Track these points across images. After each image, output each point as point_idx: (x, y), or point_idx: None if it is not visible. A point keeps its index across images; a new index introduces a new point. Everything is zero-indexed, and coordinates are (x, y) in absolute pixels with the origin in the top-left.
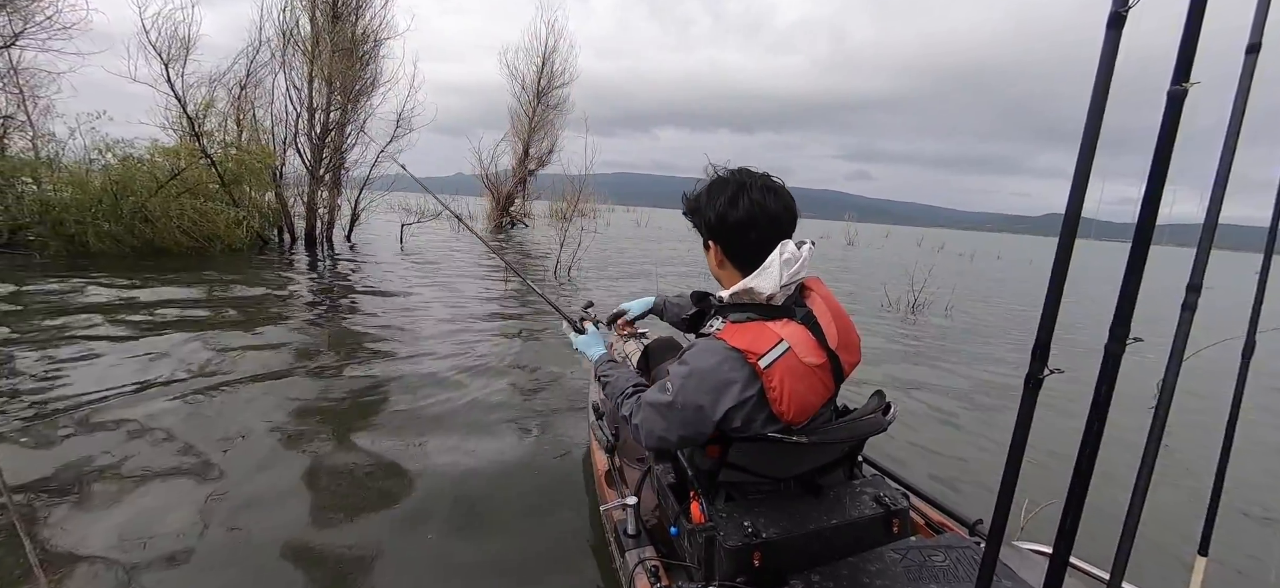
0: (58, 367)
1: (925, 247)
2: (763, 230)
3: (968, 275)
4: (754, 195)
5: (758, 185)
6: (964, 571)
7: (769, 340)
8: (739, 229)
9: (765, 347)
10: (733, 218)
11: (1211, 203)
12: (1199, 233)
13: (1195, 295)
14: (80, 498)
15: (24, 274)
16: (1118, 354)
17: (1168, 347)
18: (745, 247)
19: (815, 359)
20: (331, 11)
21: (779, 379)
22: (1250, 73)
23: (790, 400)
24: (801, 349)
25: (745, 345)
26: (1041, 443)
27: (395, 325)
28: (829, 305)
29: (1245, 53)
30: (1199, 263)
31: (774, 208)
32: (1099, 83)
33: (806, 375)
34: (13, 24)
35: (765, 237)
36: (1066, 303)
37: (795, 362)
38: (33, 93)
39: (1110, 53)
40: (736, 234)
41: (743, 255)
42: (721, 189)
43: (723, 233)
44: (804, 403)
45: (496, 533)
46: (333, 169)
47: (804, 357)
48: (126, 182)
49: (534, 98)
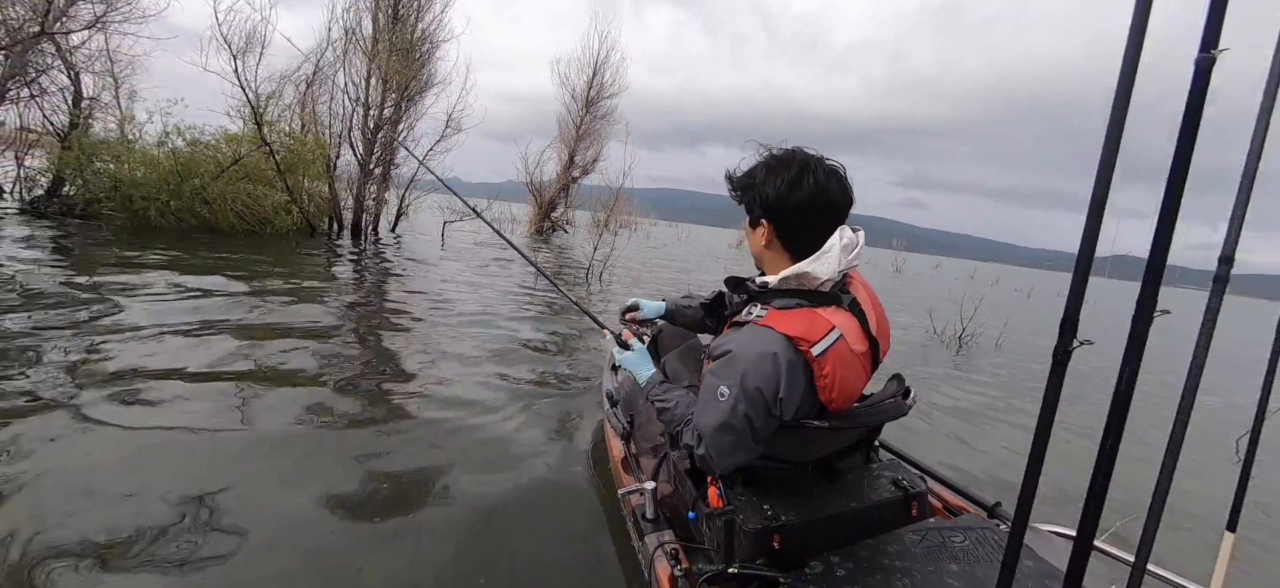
0: (104, 334)
1: (978, 280)
2: (821, 215)
3: (1020, 312)
4: (819, 177)
5: (821, 168)
6: (984, 551)
7: (822, 328)
8: (798, 211)
9: (818, 334)
10: (793, 199)
11: (1245, 172)
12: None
13: (1227, 268)
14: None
15: (93, 243)
16: (1143, 334)
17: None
18: (802, 230)
19: (861, 346)
20: (393, 13)
21: (831, 367)
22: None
23: (839, 388)
24: (851, 337)
25: (798, 333)
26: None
27: (423, 314)
28: (867, 292)
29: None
30: (1232, 233)
31: (836, 191)
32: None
33: (853, 363)
34: (94, 7)
35: (822, 222)
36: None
37: (846, 349)
38: (125, 77)
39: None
40: (795, 216)
41: (797, 238)
42: (783, 168)
43: (780, 214)
44: (850, 390)
45: (514, 517)
46: (383, 164)
47: (853, 345)
48: (192, 164)
49: (583, 107)
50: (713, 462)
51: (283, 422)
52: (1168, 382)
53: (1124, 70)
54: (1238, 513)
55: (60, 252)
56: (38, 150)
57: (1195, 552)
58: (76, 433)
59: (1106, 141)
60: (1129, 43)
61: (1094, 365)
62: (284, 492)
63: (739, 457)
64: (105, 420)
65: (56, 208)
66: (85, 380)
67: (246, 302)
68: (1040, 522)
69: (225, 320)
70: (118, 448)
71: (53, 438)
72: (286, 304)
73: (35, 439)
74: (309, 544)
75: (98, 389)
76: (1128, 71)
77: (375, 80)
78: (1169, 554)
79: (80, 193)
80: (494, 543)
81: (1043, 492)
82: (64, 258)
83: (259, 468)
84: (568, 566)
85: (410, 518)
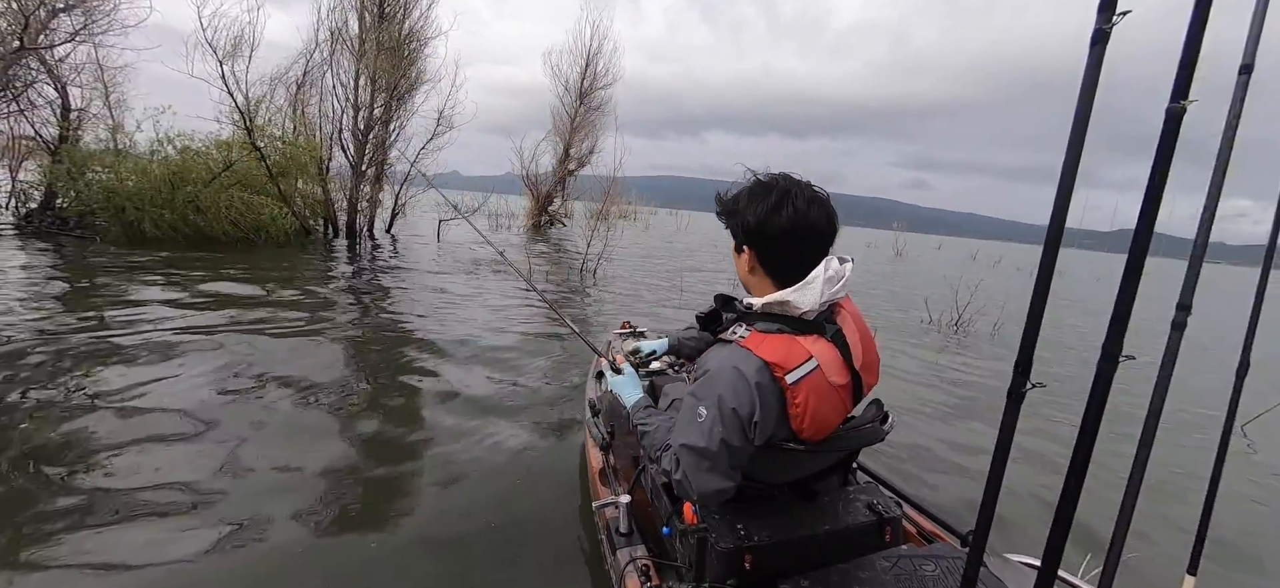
0: (103, 343)
1: (981, 260)
2: (803, 242)
3: (1021, 296)
4: (798, 204)
5: (802, 195)
6: (953, 581)
7: (799, 356)
8: (779, 238)
9: (794, 362)
10: (774, 226)
11: (1201, 225)
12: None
13: (1185, 315)
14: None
15: (88, 255)
16: (1109, 371)
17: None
18: (783, 256)
19: (840, 379)
20: (378, 11)
21: (804, 397)
22: (1243, 93)
23: (811, 419)
24: (829, 368)
25: (774, 358)
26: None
27: (412, 317)
28: (857, 324)
29: (1238, 73)
30: (1189, 283)
31: (817, 219)
32: (1083, 99)
33: (830, 395)
34: (73, 20)
35: (805, 248)
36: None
37: (822, 381)
38: (114, 85)
39: (1093, 72)
40: (775, 243)
41: (779, 265)
42: (764, 194)
43: (761, 239)
44: (823, 422)
45: (488, 528)
46: (375, 164)
47: (831, 376)
48: (184, 172)
49: (576, 99)
50: (690, 485)
51: (275, 430)
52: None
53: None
54: (1198, 557)
55: (56, 269)
56: (30, 163)
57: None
58: (71, 458)
59: (1059, 191)
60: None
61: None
62: (268, 498)
63: (715, 483)
64: (105, 445)
65: (50, 222)
66: (81, 405)
67: (241, 317)
68: (1010, 552)
69: (219, 338)
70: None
71: (58, 460)
72: (282, 318)
73: (48, 448)
74: (283, 551)
75: (91, 416)
76: (1082, 117)
77: (364, 80)
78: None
79: (73, 206)
80: (466, 552)
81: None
82: (60, 276)
83: (251, 482)
84: (540, 577)
85: (380, 526)
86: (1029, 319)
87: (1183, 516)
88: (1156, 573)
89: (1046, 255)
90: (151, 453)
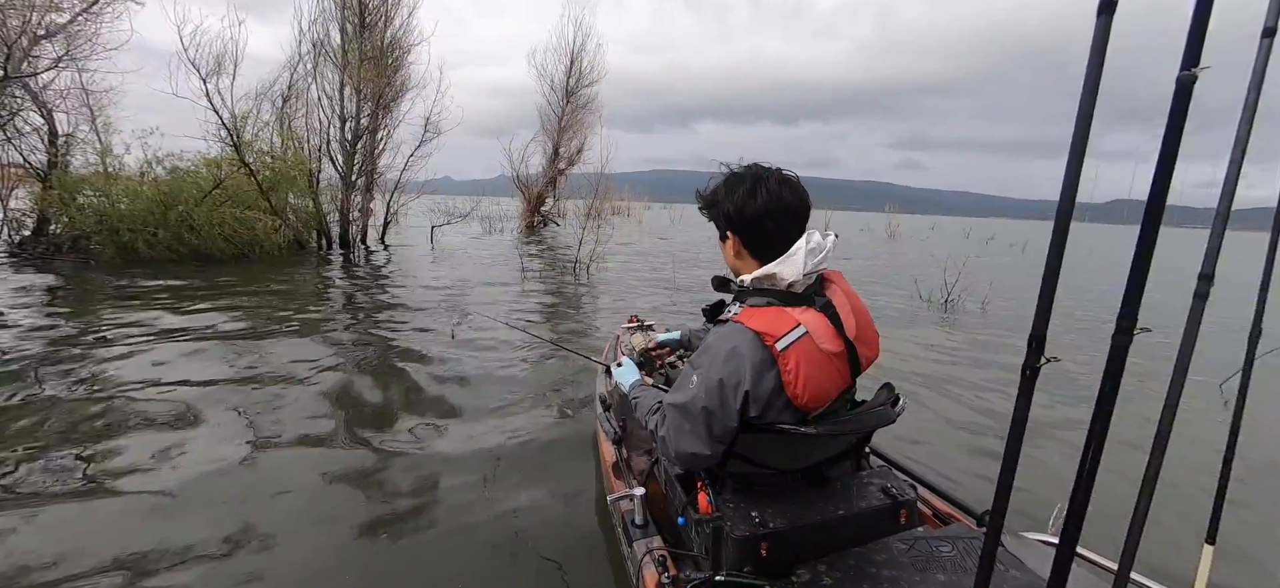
0: (100, 366)
1: (974, 238)
2: (779, 221)
3: (1010, 271)
4: (771, 186)
5: (774, 178)
6: (971, 561)
7: (787, 324)
8: (757, 220)
9: (783, 329)
10: (751, 209)
11: (1223, 193)
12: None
13: (1207, 285)
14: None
15: (84, 279)
16: (1124, 345)
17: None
18: (763, 236)
19: (832, 347)
20: (360, 21)
21: (795, 363)
22: (1266, 57)
23: (806, 386)
24: (819, 335)
25: (763, 328)
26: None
27: (413, 323)
28: (848, 297)
29: (1260, 37)
30: (1211, 252)
31: (790, 199)
32: (1090, 73)
33: (823, 362)
34: (55, 47)
35: (782, 227)
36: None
37: (812, 347)
38: (102, 109)
39: (1101, 41)
40: (754, 225)
41: (760, 245)
42: (739, 182)
43: (741, 224)
44: (819, 390)
45: (505, 523)
46: (365, 174)
47: (821, 343)
48: (175, 191)
49: (563, 97)
50: (669, 444)
51: (284, 438)
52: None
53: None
54: (1217, 525)
55: (53, 294)
56: (20, 191)
57: (1181, 557)
58: (79, 464)
59: (1068, 167)
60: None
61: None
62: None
63: (692, 445)
64: (106, 470)
65: (44, 248)
66: (86, 432)
67: (238, 336)
68: (1027, 530)
69: (218, 355)
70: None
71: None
72: (281, 329)
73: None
74: (301, 553)
75: (93, 442)
76: (1089, 91)
77: (349, 91)
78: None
79: (67, 231)
80: (482, 549)
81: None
82: (57, 300)
83: (269, 501)
84: (558, 570)
85: (399, 524)
86: (1042, 294)
87: (1196, 483)
88: (1173, 544)
89: (1057, 232)
90: (154, 464)
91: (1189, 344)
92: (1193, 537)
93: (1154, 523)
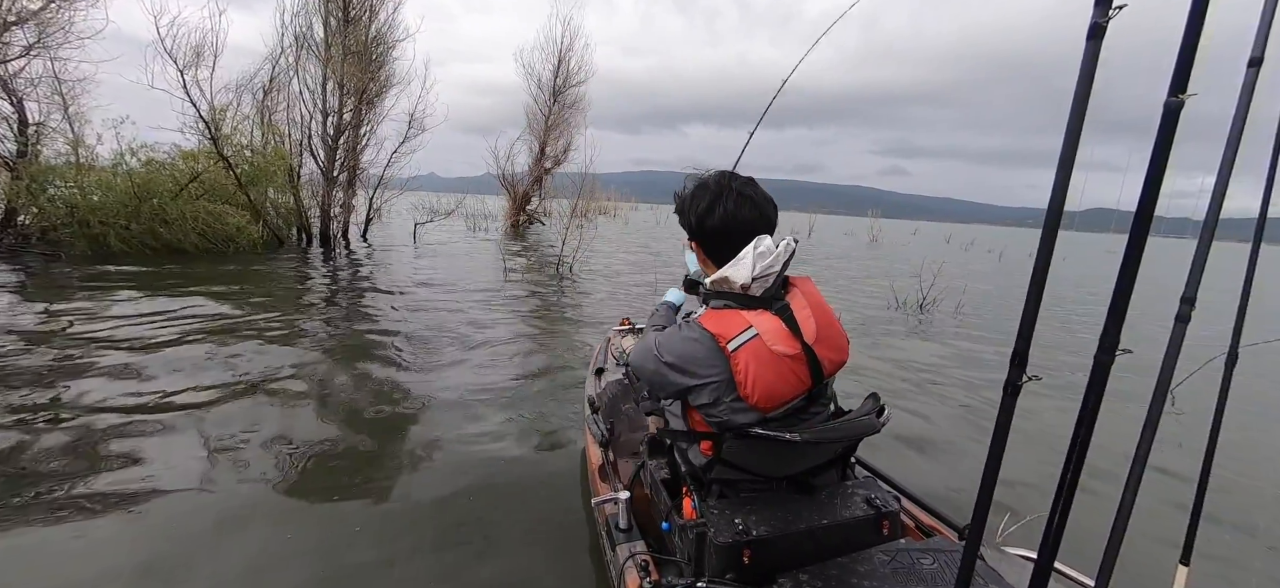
0: (71, 364)
1: (954, 244)
2: (735, 237)
3: (986, 277)
4: (728, 205)
5: (733, 194)
6: (951, 575)
7: (739, 326)
8: (714, 234)
9: (735, 331)
10: (708, 224)
11: (1207, 217)
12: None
13: (1189, 308)
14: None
15: (53, 272)
16: (1106, 365)
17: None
18: (722, 248)
19: (786, 349)
20: (344, 15)
21: (745, 363)
22: (1251, 87)
23: (756, 385)
24: (770, 337)
25: (717, 329)
26: (1058, 447)
27: (397, 322)
28: (810, 302)
29: (1247, 67)
30: (1194, 273)
31: (747, 216)
32: (1079, 94)
33: (774, 363)
34: (27, 34)
35: (739, 242)
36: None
37: (762, 348)
38: (74, 99)
39: (1090, 64)
40: (712, 238)
41: (720, 255)
42: (702, 195)
43: (702, 234)
44: (770, 390)
45: (488, 526)
46: (347, 169)
47: (772, 345)
48: (149, 184)
49: (550, 96)
50: (631, 357)
51: (261, 437)
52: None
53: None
54: (1191, 547)
55: (19, 287)
56: None
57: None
58: (45, 465)
59: (1056, 181)
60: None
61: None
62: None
63: (638, 373)
64: (85, 474)
65: (12, 240)
66: (50, 418)
67: (213, 328)
68: (1011, 546)
69: (191, 349)
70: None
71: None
72: (258, 328)
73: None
74: (274, 549)
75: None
76: (1078, 113)
77: (332, 85)
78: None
79: (36, 222)
80: (465, 550)
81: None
82: (24, 293)
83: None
84: (540, 574)
85: (374, 534)
86: (1025, 312)
87: (1172, 502)
88: (1150, 563)
89: (1042, 249)
90: (124, 467)
91: (1170, 366)
92: (1170, 556)
93: (1128, 542)
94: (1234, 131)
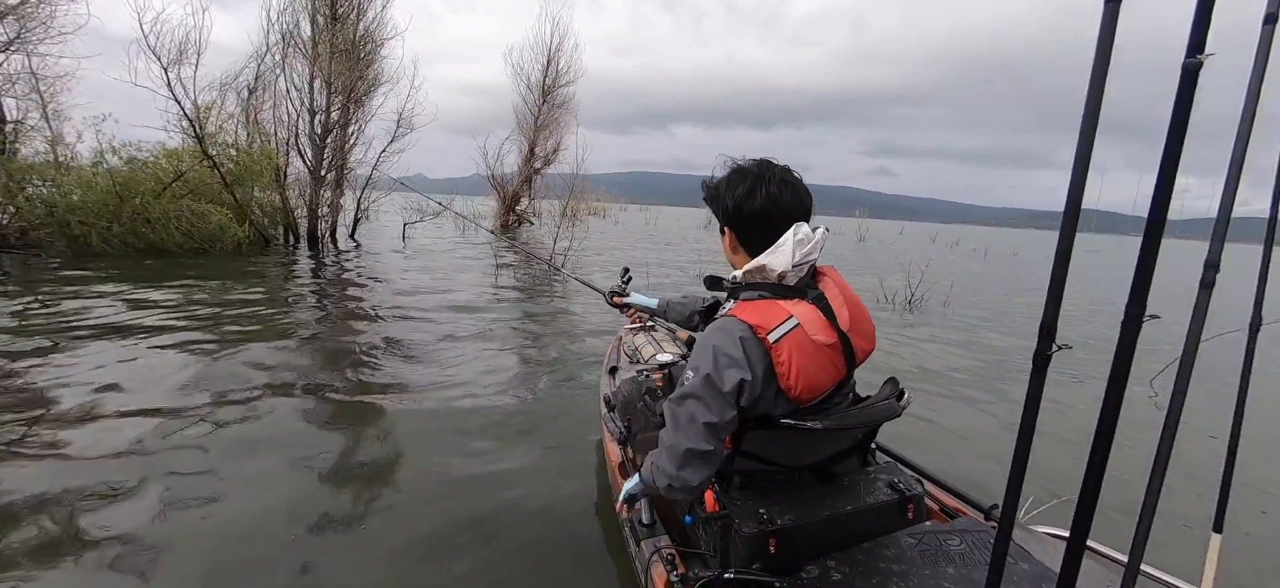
0: (52, 369)
1: (940, 243)
2: (776, 223)
3: (974, 274)
4: (771, 188)
5: (775, 179)
6: (980, 554)
7: (779, 316)
8: (753, 220)
9: (775, 322)
10: (748, 208)
11: (1228, 179)
12: (1212, 225)
13: (1213, 273)
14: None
15: (32, 273)
16: (1134, 332)
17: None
18: (758, 236)
19: (825, 338)
20: (331, 13)
21: (787, 354)
22: (1268, 44)
23: (798, 376)
24: (811, 327)
25: (755, 321)
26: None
27: (391, 324)
28: (842, 290)
29: (1263, 23)
30: (1217, 237)
31: (789, 202)
32: (1098, 63)
33: (815, 353)
34: (6, 29)
35: (778, 229)
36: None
37: (804, 338)
38: (53, 96)
39: (1109, 30)
40: (750, 224)
41: (755, 244)
42: (741, 179)
43: (737, 221)
44: (812, 380)
45: (511, 525)
46: (335, 169)
47: (813, 334)
48: (131, 183)
49: (540, 96)
50: (687, 482)
51: (270, 442)
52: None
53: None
54: (1223, 515)
55: None
56: None
57: (1193, 547)
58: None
59: (1077, 158)
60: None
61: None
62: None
63: (692, 441)
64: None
65: None
66: (30, 420)
67: (197, 331)
68: (1038, 524)
69: (174, 354)
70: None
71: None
72: (246, 331)
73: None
74: (295, 561)
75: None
76: (1097, 82)
77: (319, 84)
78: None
79: (14, 222)
80: (490, 552)
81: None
82: (1, 294)
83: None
84: (566, 572)
85: (396, 533)
86: (1052, 282)
87: (1203, 471)
88: (1181, 533)
89: (1065, 226)
90: (93, 484)
91: (1196, 333)
92: (1201, 526)
93: (1160, 513)
94: (1252, 89)
